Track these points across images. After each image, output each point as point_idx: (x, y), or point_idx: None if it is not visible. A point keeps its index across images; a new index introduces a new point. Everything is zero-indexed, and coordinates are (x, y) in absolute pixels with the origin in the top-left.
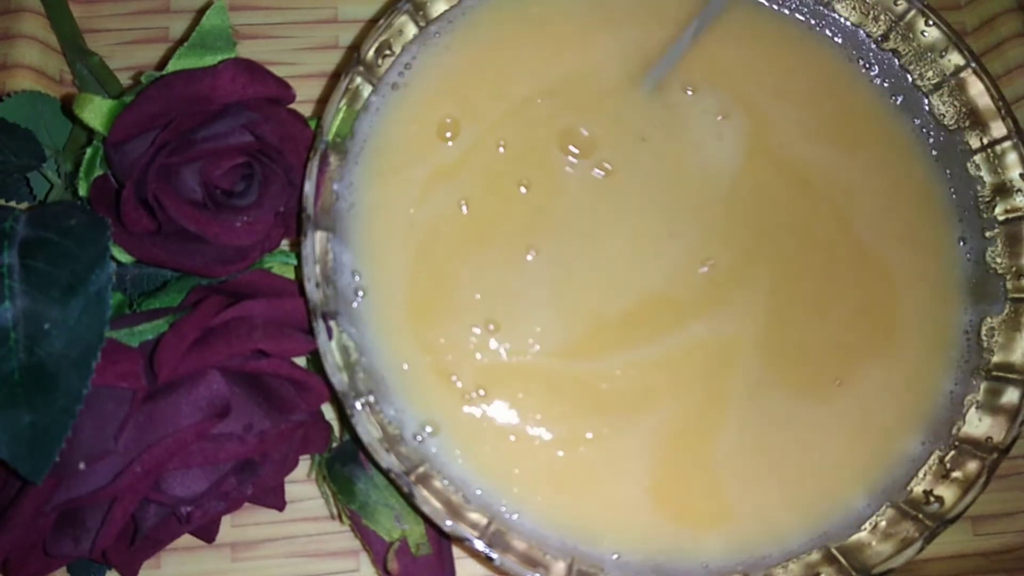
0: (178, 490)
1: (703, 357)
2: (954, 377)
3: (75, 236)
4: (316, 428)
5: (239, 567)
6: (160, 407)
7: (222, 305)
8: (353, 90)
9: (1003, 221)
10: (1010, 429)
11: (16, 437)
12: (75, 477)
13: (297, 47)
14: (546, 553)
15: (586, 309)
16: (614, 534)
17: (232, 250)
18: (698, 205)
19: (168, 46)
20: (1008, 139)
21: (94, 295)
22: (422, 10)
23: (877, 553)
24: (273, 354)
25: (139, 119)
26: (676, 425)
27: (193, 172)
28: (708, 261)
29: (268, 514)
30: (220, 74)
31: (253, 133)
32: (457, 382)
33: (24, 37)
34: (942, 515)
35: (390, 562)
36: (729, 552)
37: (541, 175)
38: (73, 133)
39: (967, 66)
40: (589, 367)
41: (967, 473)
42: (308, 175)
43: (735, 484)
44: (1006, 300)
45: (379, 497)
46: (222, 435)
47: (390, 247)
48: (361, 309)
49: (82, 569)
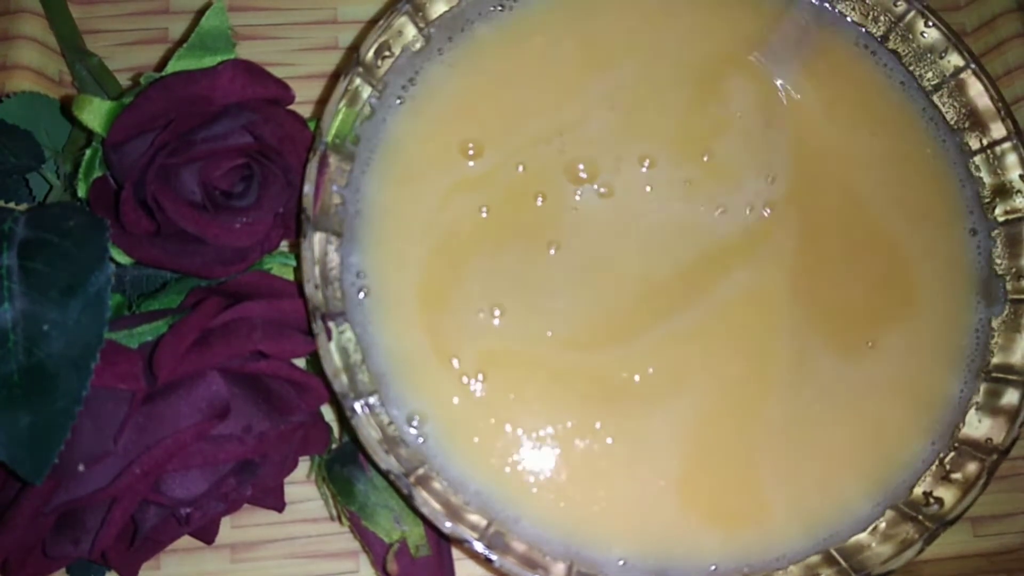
0: (177, 491)
1: (741, 318)
2: (963, 377)
3: (74, 237)
4: (315, 429)
5: (239, 568)
6: (159, 408)
7: (221, 306)
8: (352, 91)
9: (1003, 222)
10: (1010, 430)
11: (15, 438)
12: (74, 478)
13: (296, 48)
14: (546, 555)
15: (606, 299)
16: (626, 537)
17: (231, 251)
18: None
19: (167, 47)
20: (1008, 140)
21: (93, 296)
22: (421, 11)
23: (877, 554)
24: (272, 355)
25: (138, 120)
26: (711, 406)
27: (192, 173)
28: (749, 205)
29: (268, 515)
30: (219, 75)
31: (252, 134)
32: (457, 364)
33: (24, 38)
34: (942, 516)
35: (390, 563)
36: (774, 546)
37: (558, 189)
38: (72, 134)
39: (967, 67)
40: (606, 356)
41: (967, 474)
42: (307, 176)
43: (771, 473)
44: (1006, 301)
45: (378, 498)
46: (221, 436)
47: (404, 246)
48: (366, 305)
49: (82, 570)
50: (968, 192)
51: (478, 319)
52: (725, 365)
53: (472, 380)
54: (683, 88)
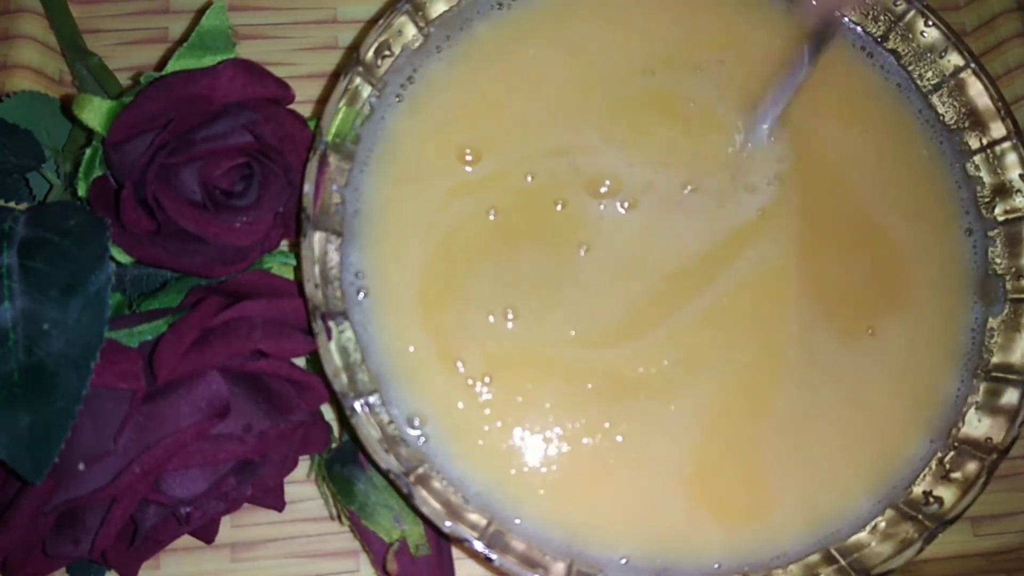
0: (177, 490)
1: (750, 303)
2: (960, 376)
3: (74, 236)
4: (315, 428)
5: (239, 568)
6: (159, 408)
7: (221, 305)
8: (352, 90)
9: (1003, 221)
10: (1009, 430)
11: (15, 438)
12: (74, 478)
13: (296, 47)
14: (546, 554)
15: (628, 297)
16: (632, 535)
17: (231, 250)
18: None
19: (167, 46)
20: (1008, 140)
21: (93, 295)
22: (421, 11)
23: (877, 554)
24: (273, 354)
25: (138, 119)
26: (724, 396)
27: (192, 172)
28: (755, 200)
29: (267, 515)
30: (219, 74)
31: (252, 133)
32: (462, 368)
33: (24, 37)
34: (942, 516)
35: (389, 563)
36: (803, 536)
37: (579, 200)
38: (72, 133)
39: (967, 66)
40: (624, 351)
41: (967, 474)
42: (308, 176)
43: (776, 467)
44: (1006, 301)
45: (378, 498)
46: (221, 435)
47: (404, 245)
48: (366, 305)
49: (82, 569)
50: (965, 192)
51: (487, 321)
52: (737, 351)
53: (478, 382)
54: (688, 90)
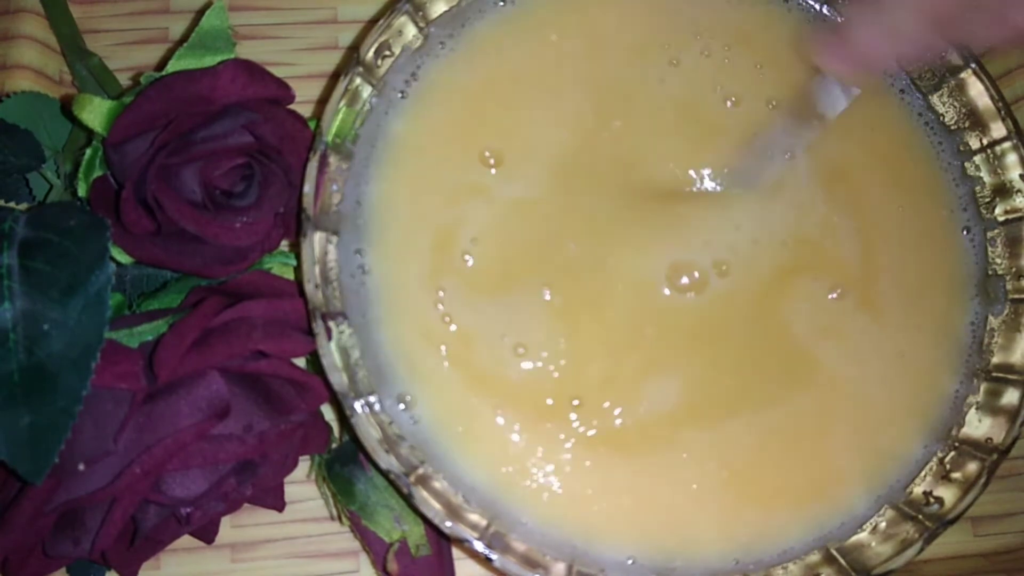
0: (178, 491)
1: (751, 299)
2: (960, 376)
3: (75, 237)
4: (315, 429)
5: (239, 568)
6: (159, 408)
7: (222, 306)
8: (353, 91)
9: (1003, 222)
10: (1010, 430)
11: (16, 438)
12: (75, 478)
13: (296, 48)
14: (546, 554)
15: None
16: (639, 534)
17: (232, 251)
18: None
19: (167, 47)
20: (1008, 140)
21: (94, 296)
22: (421, 11)
23: (877, 554)
24: (273, 355)
25: (138, 120)
26: (726, 396)
27: (193, 173)
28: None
29: (268, 515)
30: (220, 75)
31: (253, 134)
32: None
33: (24, 38)
34: (942, 516)
35: (390, 563)
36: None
37: (581, 198)
38: (72, 134)
39: (967, 66)
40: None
41: (967, 474)
42: (308, 176)
43: (777, 464)
44: (1006, 301)
45: (379, 498)
46: (222, 436)
47: (404, 245)
48: (366, 304)
49: (82, 570)
50: (962, 191)
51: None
52: (734, 351)
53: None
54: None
